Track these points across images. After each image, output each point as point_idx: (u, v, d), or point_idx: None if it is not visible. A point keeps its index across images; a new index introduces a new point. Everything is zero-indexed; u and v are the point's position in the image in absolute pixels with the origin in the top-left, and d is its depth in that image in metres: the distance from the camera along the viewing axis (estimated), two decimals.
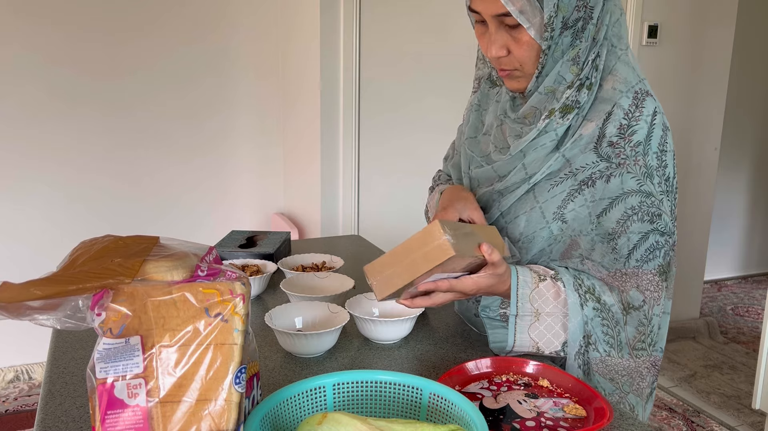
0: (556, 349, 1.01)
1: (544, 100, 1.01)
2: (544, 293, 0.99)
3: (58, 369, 0.99)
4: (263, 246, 1.50)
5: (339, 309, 1.11)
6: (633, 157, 0.96)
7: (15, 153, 2.63)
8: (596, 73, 0.98)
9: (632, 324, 1.00)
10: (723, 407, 2.65)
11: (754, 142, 4.07)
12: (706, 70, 3.09)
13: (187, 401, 0.66)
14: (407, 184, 2.66)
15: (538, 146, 1.00)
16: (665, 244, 0.99)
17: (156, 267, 0.68)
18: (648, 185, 0.97)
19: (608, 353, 1.00)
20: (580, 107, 0.98)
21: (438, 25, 2.61)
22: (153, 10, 2.72)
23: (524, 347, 1.01)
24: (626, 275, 0.99)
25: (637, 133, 0.96)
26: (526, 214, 1.03)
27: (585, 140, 0.98)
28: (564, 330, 1.00)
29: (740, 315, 3.64)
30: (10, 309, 0.63)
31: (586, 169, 0.99)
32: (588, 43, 0.97)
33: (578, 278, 1.01)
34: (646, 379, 1.03)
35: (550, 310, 0.99)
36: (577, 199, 1.00)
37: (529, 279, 0.99)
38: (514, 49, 0.97)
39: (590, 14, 0.95)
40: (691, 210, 3.20)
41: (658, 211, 0.97)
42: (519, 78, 1.01)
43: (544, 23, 0.93)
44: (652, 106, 0.97)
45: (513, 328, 1.00)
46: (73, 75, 2.65)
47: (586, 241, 1.01)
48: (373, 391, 0.80)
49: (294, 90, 2.83)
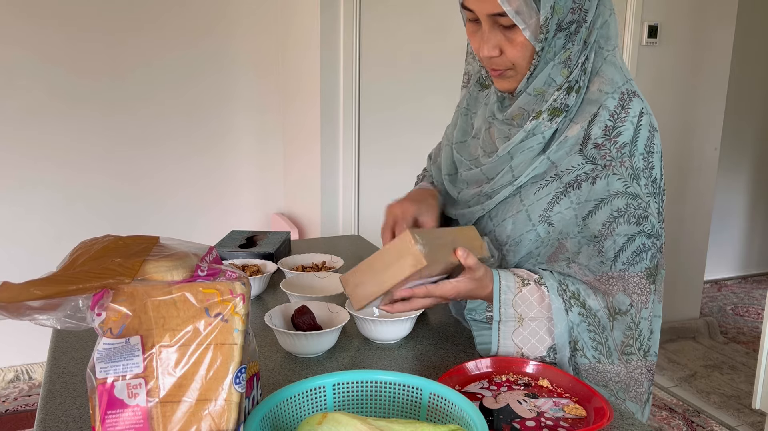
0: (542, 354, 1.00)
1: (532, 101, 1.00)
2: (527, 298, 0.99)
3: (58, 369, 0.99)
4: (263, 246, 1.50)
5: (339, 309, 1.11)
6: (619, 158, 0.95)
7: (14, 153, 2.63)
8: (584, 77, 0.97)
9: (619, 329, 0.99)
10: (723, 407, 2.65)
11: (754, 142, 4.07)
12: (706, 70, 3.09)
13: (187, 401, 0.66)
14: (407, 183, 2.65)
15: (526, 148, 1.00)
16: (652, 247, 0.98)
17: (156, 267, 0.68)
18: (634, 187, 0.95)
19: (598, 359, 1.00)
20: (568, 110, 0.97)
21: (438, 25, 2.61)
22: (153, 9, 2.72)
23: (509, 353, 1.00)
24: (613, 278, 0.98)
25: (622, 134, 0.95)
26: (513, 217, 1.03)
27: (570, 142, 0.97)
28: (549, 334, 0.99)
29: (740, 315, 3.64)
30: (10, 309, 0.63)
31: (571, 172, 0.98)
32: (579, 46, 0.96)
33: (563, 283, 1.00)
34: (643, 385, 1.02)
35: (534, 315, 0.99)
36: (562, 202, 0.99)
37: (512, 284, 0.98)
38: (508, 49, 0.96)
39: (584, 17, 0.95)
40: (691, 210, 3.20)
41: (645, 213, 0.96)
42: (510, 78, 1.00)
43: (540, 24, 0.92)
44: (639, 107, 0.96)
45: (496, 334, 0.99)
46: (72, 74, 2.65)
47: (573, 244, 1.00)
48: (373, 391, 0.80)
49: (294, 89, 2.83)
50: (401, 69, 2.60)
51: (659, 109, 2.46)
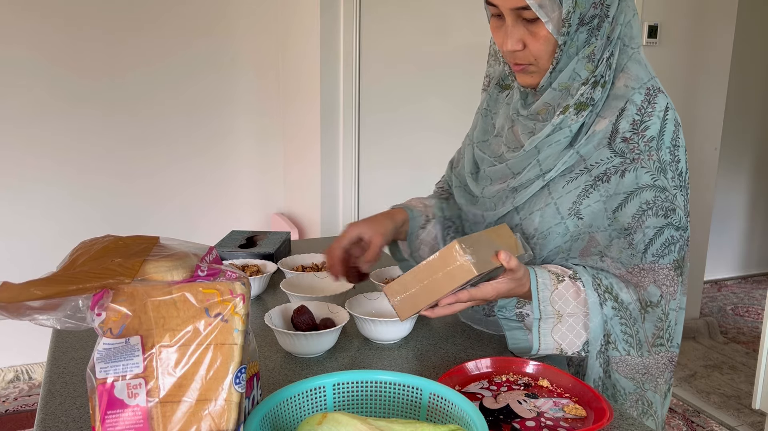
0: (578, 349, 1.01)
1: (557, 96, 1.01)
2: (563, 294, 1.00)
3: (58, 369, 0.99)
4: (263, 246, 1.50)
5: (339, 309, 1.11)
6: (647, 151, 0.97)
7: (15, 152, 2.63)
8: (609, 71, 0.99)
9: (650, 320, 1.00)
10: (723, 407, 2.65)
11: (754, 142, 4.07)
12: (706, 70, 3.09)
13: (187, 401, 0.66)
14: (407, 183, 2.66)
15: (553, 142, 1.01)
16: (680, 239, 0.99)
17: (156, 267, 0.68)
18: (662, 180, 0.97)
19: (628, 352, 1.01)
20: (594, 104, 0.99)
21: (438, 26, 2.61)
22: (153, 9, 2.72)
23: (548, 349, 1.01)
24: (644, 270, 0.99)
25: (650, 128, 0.97)
26: (541, 210, 1.04)
27: (599, 136, 0.99)
28: (585, 329, 1.00)
29: (740, 315, 3.64)
30: (10, 309, 0.63)
31: (600, 165, 0.99)
32: (603, 41, 0.98)
33: (596, 277, 1.01)
34: (664, 375, 1.03)
35: (571, 310, 0.99)
36: (592, 195, 1.00)
37: (548, 281, 0.99)
38: (531, 43, 0.98)
39: (606, 12, 0.97)
40: (691, 210, 3.20)
41: (672, 205, 0.98)
42: (533, 73, 1.02)
43: (562, 18, 0.93)
44: (664, 102, 0.98)
45: (537, 332, 1.00)
46: (72, 74, 2.65)
47: (603, 237, 1.01)
48: (373, 391, 0.80)
49: (294, 89, 2.83)
50: (401, 69, 2.60)
51: None
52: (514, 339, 1.04)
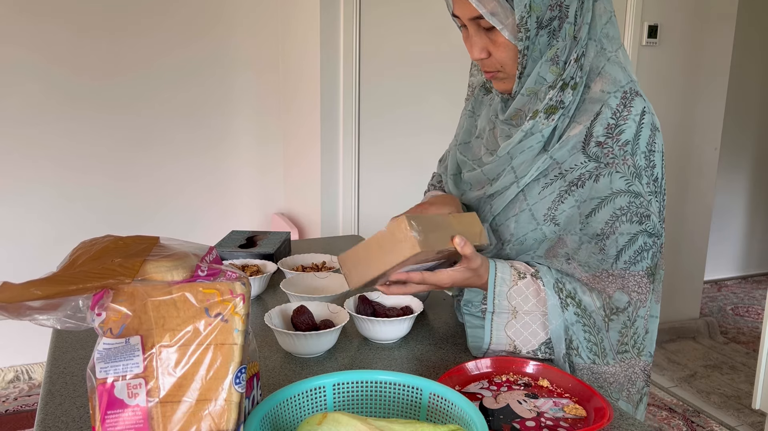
0: (533, 348, 1.00)
1: (527, 101, 1.01)
2: (523, 291, 0.99)
3: (58, 369, 0.99)
4: (263, 247, 1.50)
5: (339, 309, 1.11)
6: (621, 156, 0.95)
7: (14, 153, 2.63)
8: (581, 73, 0.98)
9: (615, 328, 0.99)
10: (723, 407, 2.65)
11: (754, 142, 4.08)
12: (706, 70, 3.09)
13: (187, 401, 0.66)
14: (407, 183, 2.66)
15: (525, 148, 1.00)
16: (653, 245, 0.98)
17: (156, 267, 0.68)
18: (636, 185, 0.96)
19: (592, 361, 1.00)
20: (565, 107, 0.98)
21: (438, 26, 2.61)
22: (153, 9, 2.72)
23: (501, 345, 1.00)
24: (612, 276, 0.98)
25: (624, 132, 0.95)
26: (515, 216, 1.03)
27: (573, 141, 0.98)
28: (542, 329, 0.99)
29: (740, 315, 3.64)
30: (10, 309, 0.63)
31: (575, 170, 0.98)
32: (567, 42, 0.97)
33: (560, 281, 1.00)
34: (636, 385, 1.02)
35: (529, 308, 0.99)
36: (567, 201, 0.99)
37: (507, 277, 0.99)
38: (493, 51, 0.98)
39: (566, 12, 0.95)
40: (691, 210, 3.20)
41: (647, 211, 0.97)
42: (504, 79, 1.02)
43: (517, 24, 0.93)
44: (641, 106, 0.96)
45: (489, 326, 1.00)
46: (72, 74, 2.65)
47: (573, 240, 1.00)
48: (373, 391, 0.80)
49: (294, 90, 2.83)
50: (401, 70, 2.60)
51: (659, 109, 2.46)
52: (474, 336, 1.03)
